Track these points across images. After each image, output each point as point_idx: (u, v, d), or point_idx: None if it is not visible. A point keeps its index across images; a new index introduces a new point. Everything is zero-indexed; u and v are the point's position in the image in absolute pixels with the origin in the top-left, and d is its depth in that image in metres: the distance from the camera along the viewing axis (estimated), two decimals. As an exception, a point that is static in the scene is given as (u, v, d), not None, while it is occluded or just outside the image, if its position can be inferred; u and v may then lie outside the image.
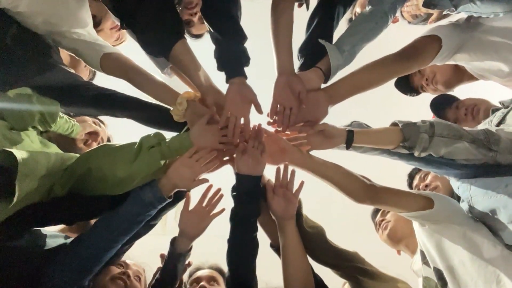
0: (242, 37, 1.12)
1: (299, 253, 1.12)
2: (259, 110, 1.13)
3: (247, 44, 1.13)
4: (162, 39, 1.06)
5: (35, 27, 1.12)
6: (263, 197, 1.16)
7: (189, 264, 1.20)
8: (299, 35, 1.24)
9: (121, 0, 1.05)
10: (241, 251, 1.12)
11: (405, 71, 1.18)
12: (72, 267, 0.97)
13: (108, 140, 1.62)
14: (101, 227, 1.01)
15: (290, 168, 1.15)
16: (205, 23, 1.14)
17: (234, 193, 1.13)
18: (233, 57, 1.11)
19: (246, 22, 1.16)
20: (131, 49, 1.20)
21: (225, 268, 1.17)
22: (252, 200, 1.12)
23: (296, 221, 1.16)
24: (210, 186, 1.15)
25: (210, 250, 1.36)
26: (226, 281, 1.20)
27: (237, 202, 1.12)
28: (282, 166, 1.15)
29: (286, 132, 1.18)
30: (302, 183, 1.14)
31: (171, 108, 1.12)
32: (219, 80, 1.15)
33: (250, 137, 1.13)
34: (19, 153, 0.86)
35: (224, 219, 1.14)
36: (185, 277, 1.34)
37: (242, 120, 1.12)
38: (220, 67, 1.12)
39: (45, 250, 1.04)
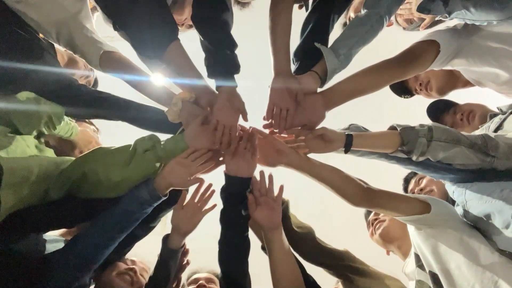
0: (232, 45, 1.11)
1: (288, 265, 1.08)
2: (245, 118, 1.14)
3: (245, 46, 1.13)
4: (156, 40, 1.05)
5: (42, 20, 1.11)
6: None
7: (187, 263, 1.19)
8: (298, 37, 1.22)
9: (114, 1, 1.03)
10: (232, 252, 1.12)
11: (403, 76, 1.16)
12: (70, 265, 0.97)
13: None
14: (97, 226, 1.01)
15: (268, 174, 1.13)
16: (196, 31, 1.13)
17: (223, 194, 1.12)
18: (223, 66, 1.10)
19: (245, 23, 1.15)
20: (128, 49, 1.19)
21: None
22: (241, 201, 1.11)
23: (284, 222, 1.14)
24: (202, 182, 1.14)
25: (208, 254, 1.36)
26: (219, 282, 1.20)
27: (226, 203, 1.12)
28: (258, 175, 1.13)
29: (283, 135, 1.17)
30: (281, 188, 1.13)
31: (166, 109, 1.11)
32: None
33: (242, 139, 1.12)
34: (6, 162, 0.84)
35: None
36: (183, 279, 1.34)
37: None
38: (211, 75, 1.12)
39: (45, 254, 1.04)
